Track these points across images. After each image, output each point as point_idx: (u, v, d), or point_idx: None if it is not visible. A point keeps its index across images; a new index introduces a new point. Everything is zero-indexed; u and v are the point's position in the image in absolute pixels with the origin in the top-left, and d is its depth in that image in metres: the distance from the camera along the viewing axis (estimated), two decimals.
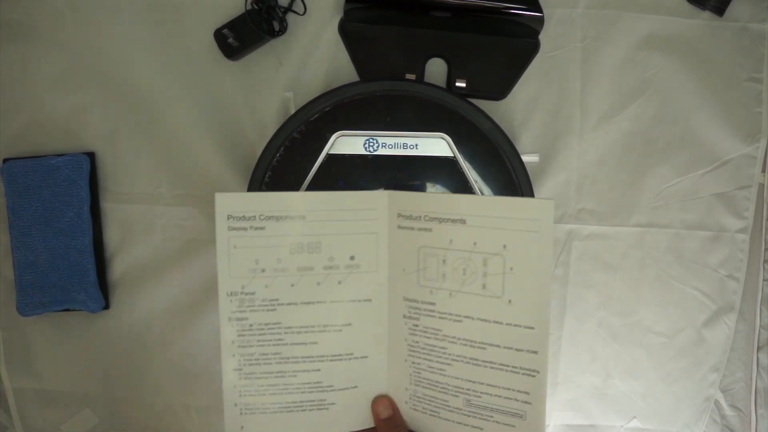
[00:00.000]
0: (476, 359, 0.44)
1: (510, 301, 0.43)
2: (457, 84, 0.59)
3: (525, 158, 0.56)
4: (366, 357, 0.47)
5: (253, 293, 0.44)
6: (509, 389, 0.43)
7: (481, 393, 0.44)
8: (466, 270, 0.44)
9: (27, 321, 0.61)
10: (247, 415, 0.46)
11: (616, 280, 0.63)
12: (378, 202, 0.46)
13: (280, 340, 0.45)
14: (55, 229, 0.59)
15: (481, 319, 0.44)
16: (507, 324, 0.43)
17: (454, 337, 0.44)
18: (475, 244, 0.43)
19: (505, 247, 0.43)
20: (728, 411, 0.66)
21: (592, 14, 0.61)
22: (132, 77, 0.61)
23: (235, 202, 0.44)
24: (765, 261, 0.64)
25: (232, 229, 0.44)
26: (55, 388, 0.63)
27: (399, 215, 0.45)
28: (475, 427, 0.45)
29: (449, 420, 0.46)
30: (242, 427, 0.46)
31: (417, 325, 0.45)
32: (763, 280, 0.64)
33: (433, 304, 0.45)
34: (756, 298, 0.64)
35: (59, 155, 0.60)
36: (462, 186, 0.55)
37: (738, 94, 0.62)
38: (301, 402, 0.46)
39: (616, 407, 0.65)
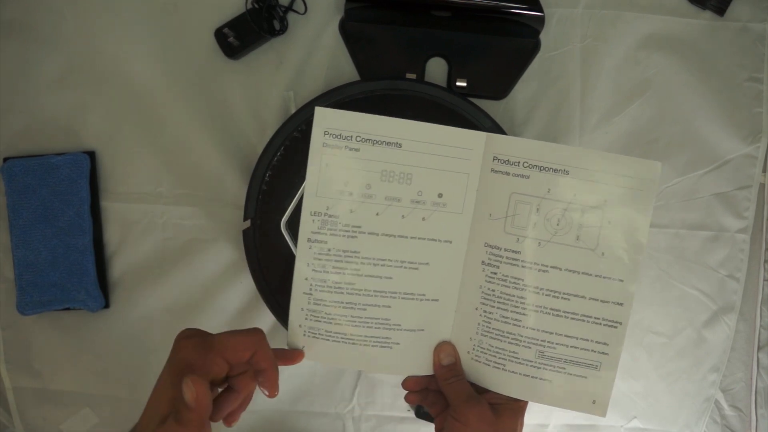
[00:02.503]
0: (558, 310, 0.44)
1: (603, 254, 0.43)
2: (458, 83, 0.59)
3: None
4: (437, 300, 0.46)
5: (336, 216, 0.44)
6: (588, 340, 0.44)
7: (557, 344, 0.44)
8: (561, 220, 0.44)
9: (27, 320, 0.61)
10: (310, 338, 0.46)
11: None
12: (475, 141, 0.45)
13: (356, 270, 0.45)
14: (56, 228, 0.59)
15: (570, 270, 0.44)
16: (596, 276, 0.44)
17: (536, 287, 0.44)
18: (575, 195, 0.43)
19: (606, 201, 0.43)
20: (728, 411, 0.66)
21: (592, 14, 0.61)
22: (132, 76, 0.61)
23: (335, 118, 0.44)
24: (765, 261, 0.64)
25: (327, 146, 0.44)
26: (55, 388, 0.63)
27: (495, 158, 0.44)
28: (544, 380, 0.45)
29: (515, 372, 0.45)
30: (303, 347, 0.46)
31: (496, 273, 0.45)
32: (764, 280, 0.64)
33: (518, 252, 0.44)
34: (756, 298, 0.64)
35: (59, 154, 0.60)
36: None
37: (738, 94, 0.62)
38: (366, 337, 0.46)
39: (617, 407, 0.65)
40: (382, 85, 0.56)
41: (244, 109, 0.61)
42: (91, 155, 0.61)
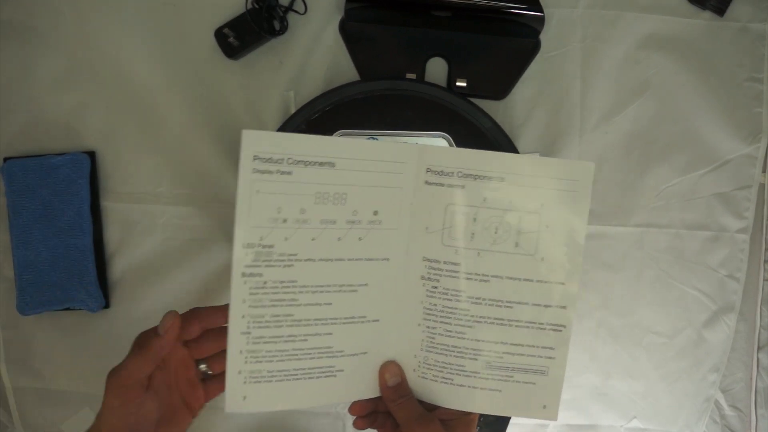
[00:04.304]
0: (501, 319, 0.44)
1: (543, 259, 0.43)
2: (458, 83, 0.59)
3: None
4: (378, 321, 0.45)
5: (271, 246, 0.42)
6: (534, 346, 0.44)
7: (504, 353, 0.44)
8: (499, 228, 0.43)
9: (27, 320, 0.61)
10: (251, 384, 0.43)
11: (616, 280, 0.63)
12: (407, 155, 0.44)
13: (294, 300, 0.42)
14: (56, 228, 0.59)
15: (511, 278, 0.43)
16: (538, 281, 0.43)
17: (478, 298, 0.44)
18: (511, 202, 0.43)
19: (542, 205, 0.43)
20: (728, 411, 0.66)
21: (592, 14, 0.61)
22: (132, 76, 0.61)
23: (264, 142, 0.41)
24: (765, 261, 0.64)
25: (257, 172, 0.41)
26: (55, 387, 0.63)
27: (428, 170, 0.43)
28: (493, 390, 0.44)
29: (463, 386, 0.44)
30: (245, 397, 0.43)
31: (436, 287, 0.44)
32: (764, 280, 0.64)
33: (457, 264, 0.44)
34: (756, 298, 0.64)
35: (59, 154, 0.60)
36: None
37: (738, 94, 0.62)
38: (310, 369, 0.44)
39: (616, 407, 0.65)
40: (382, 85, 0.56)
41: (244, 110, 0.61)
42: (91, 155, 0.61)
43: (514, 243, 0.43)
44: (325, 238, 0.43)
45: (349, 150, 0.43)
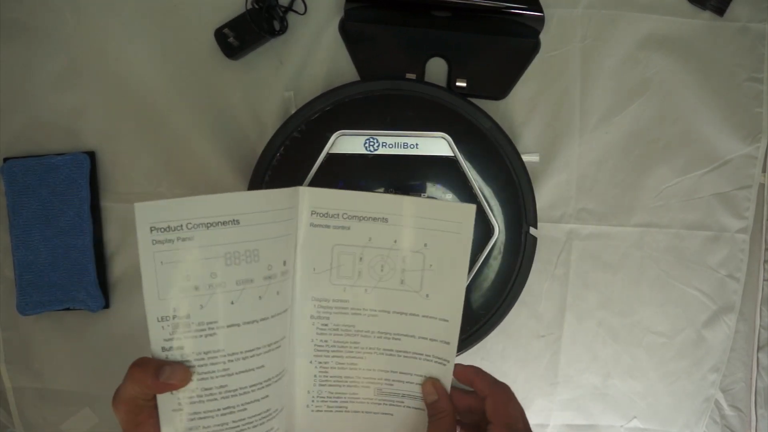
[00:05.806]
0: (390, 350, 0.45)
1: (427, 296, 0.45)
2: (458, 83, 0.60)
3: (525, 158, 0.56)
4: (286, 369, 0.43)
5: (187, 316, 0.39)
6: (421, 375, 0.45)
7: (393, 381, 0.45)
8: (384, 266, 0.45)
9: (27, 320, 0.61)
10: None
11: (616, 280, 0.63)
12: (294, 200, 0.42)
13: (225, 370, 0.39)
14: (56, 228, 0.59)
15: (398, 312, 0.45)
16: (423, 316, 0.45)
17: (367, 331, 0.45)
18: (395, 242, 0.44)
19: (426, 245, 0.44)
20: (728, 411, 0.66)
21: (592, 14, 0.61)
22: (132, 77, 0.61)
23: (158, 211, 0.38)
24: (765, 261, 0.64)
25: (157, 243, 0.38)
26: (55, 387, 0.63)
27: (313, 212, 0.44)
28: (386, 414, 0.46)
29: (358, 411, 0.46)
30: None
31: (326, 324, 0.45)
32: (763, 280, 0.64)
33: (345, 301, 0.45)
34: (756, 298, 0.64)
35: (59, 154, 0.60)
36: (462, 185, 0.55)
37: (738, 94, 0.62)
38: None
39: (616, 407, 0.65)
40: (382, 85, 0.56)
41: (244, 110, 0.61)
42: (91, 155, 0.61)
43: (399, 280, 0.45)
44: (246, 300, 0.40)
45: (247, 204, 0.40)
